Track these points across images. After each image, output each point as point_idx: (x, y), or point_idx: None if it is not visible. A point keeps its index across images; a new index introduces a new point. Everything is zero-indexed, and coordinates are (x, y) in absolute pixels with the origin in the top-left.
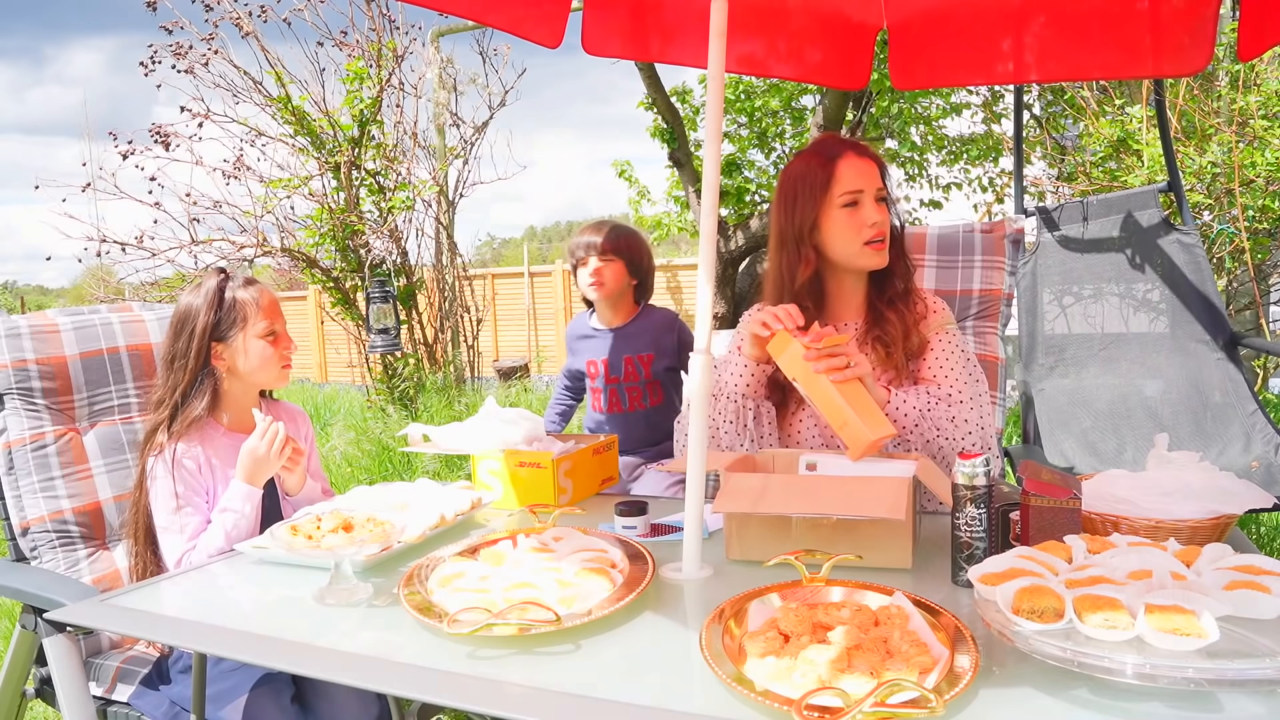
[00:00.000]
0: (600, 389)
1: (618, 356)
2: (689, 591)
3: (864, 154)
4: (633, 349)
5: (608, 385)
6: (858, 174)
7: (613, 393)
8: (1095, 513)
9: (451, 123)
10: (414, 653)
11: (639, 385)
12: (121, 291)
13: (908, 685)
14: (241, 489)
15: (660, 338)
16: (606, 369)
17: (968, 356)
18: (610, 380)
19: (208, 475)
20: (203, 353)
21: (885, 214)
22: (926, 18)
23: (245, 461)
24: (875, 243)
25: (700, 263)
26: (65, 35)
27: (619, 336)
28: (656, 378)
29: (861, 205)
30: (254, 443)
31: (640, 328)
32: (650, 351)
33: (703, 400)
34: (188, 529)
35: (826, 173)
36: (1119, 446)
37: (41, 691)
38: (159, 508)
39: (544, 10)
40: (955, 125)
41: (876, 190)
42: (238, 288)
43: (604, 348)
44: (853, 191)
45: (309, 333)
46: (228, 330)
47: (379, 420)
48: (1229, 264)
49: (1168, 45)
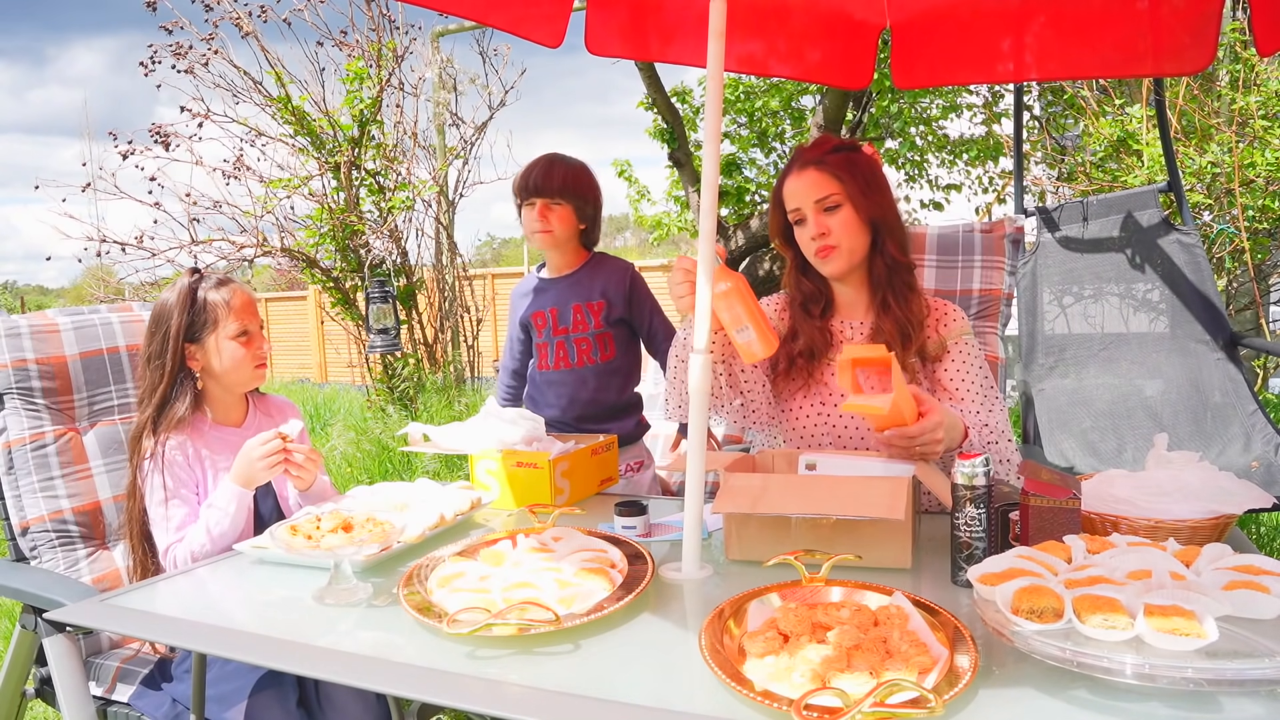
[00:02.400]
0: (546, 343)
1: (565, 305)
2: (689, 591)
3: (806, 166)
4: (581, 297)
5: (555, 338)
6: (795, 192)
7: (560, 345)
8: (1095, 513)
9: (451, 123)
10: (414, 653)
11: (588, 336)
12: (121, 291)
13: (907, 685)
14: (230, 489)
15: (610, 285)
16: (555, 319)
17: (984, 366)
18: (559, 331)
19: (196, 467)
20: (177, 354)
21: (835, 220)
22: (929, 16)
23: (239, 463)
24: (821, 253)
25: (700, 263)
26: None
27: (566, 284)
28: (608, 328)
29: (805, 221)
30: (252, 444)
31: (589, 274)
32: (600, 300)
33: (702, 400)
34: (173, 520)
35: (778, 196)
36: (1119, 446)
37: (41, 691)
38: (151, 501)
39: (545, 10)
40: (955, 126)
41: (817, 202)
42: (210, 288)
43: (552, 298)
44: (794, 210)
45: (309, 333)
46: (200, 331)
47: (379, 420)
48: (1229, 264)
49: (1168, 44)
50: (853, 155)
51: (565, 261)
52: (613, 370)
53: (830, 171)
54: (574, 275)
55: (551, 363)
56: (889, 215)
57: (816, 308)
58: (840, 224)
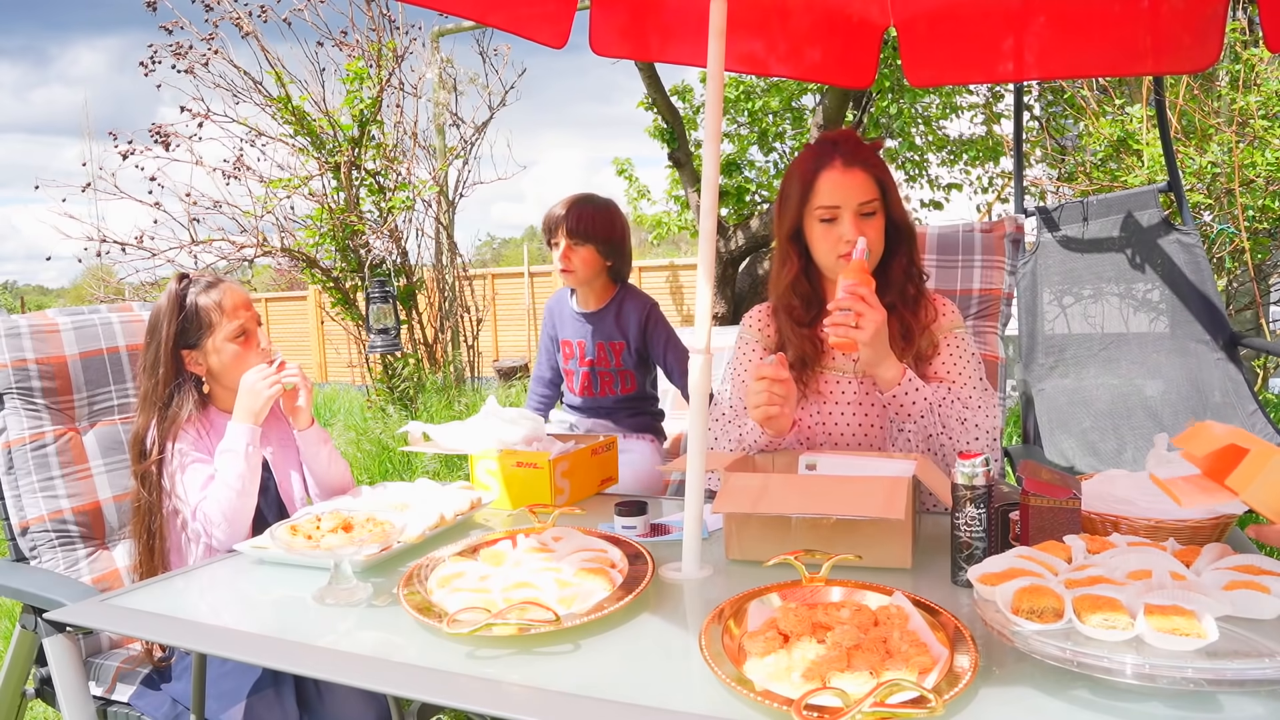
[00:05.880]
0: (574, 371)
1: (591, 341)
2: (689, 591)
3: (853, 164)
4: (604, 335)
5: (581, 368)
6: (836, 189)
7: (585, 375)
8: (1095, 513)
9: (451, 123)
10: (414, 653)
11: (610, 372)
12: (121, 291)
13: (907, 685)
14: (238, 428)
15: (629, 325)
16: (582, 351)
17: (977, 359)
18: (584, 363)
19: (209, 440)
20: (171, 361)
21: (870, 227)
22: (932, 15)
23: (241, 397)
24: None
25: (700, 263)
26: (69, 35)
27: (592, 320)
28: (628, 367)
29: (838, 221)
30: (250, 373)
31: (614, 313)
32: (621, 340)
33: (702, 400)
34: (198, 480)
35: (808, 184)
36: (1119, 446)
37: (41, 691)
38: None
39: (548, 10)
40: (955, 126)
41: (859, 205)
42: (200, 292)
43: (581, 331)
44: (829, 207)
45: (309, 333)
46: (195, 337)
47: (379, 420)
48: (1229, 264)
49: (1170, 42)
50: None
51: (594, 297)
52: (634, 398)
53: (874, 176)
54: (599, 313)
55: (578, 389)
56: (908, 221)
57: (808, 314)
58: (874, 231)
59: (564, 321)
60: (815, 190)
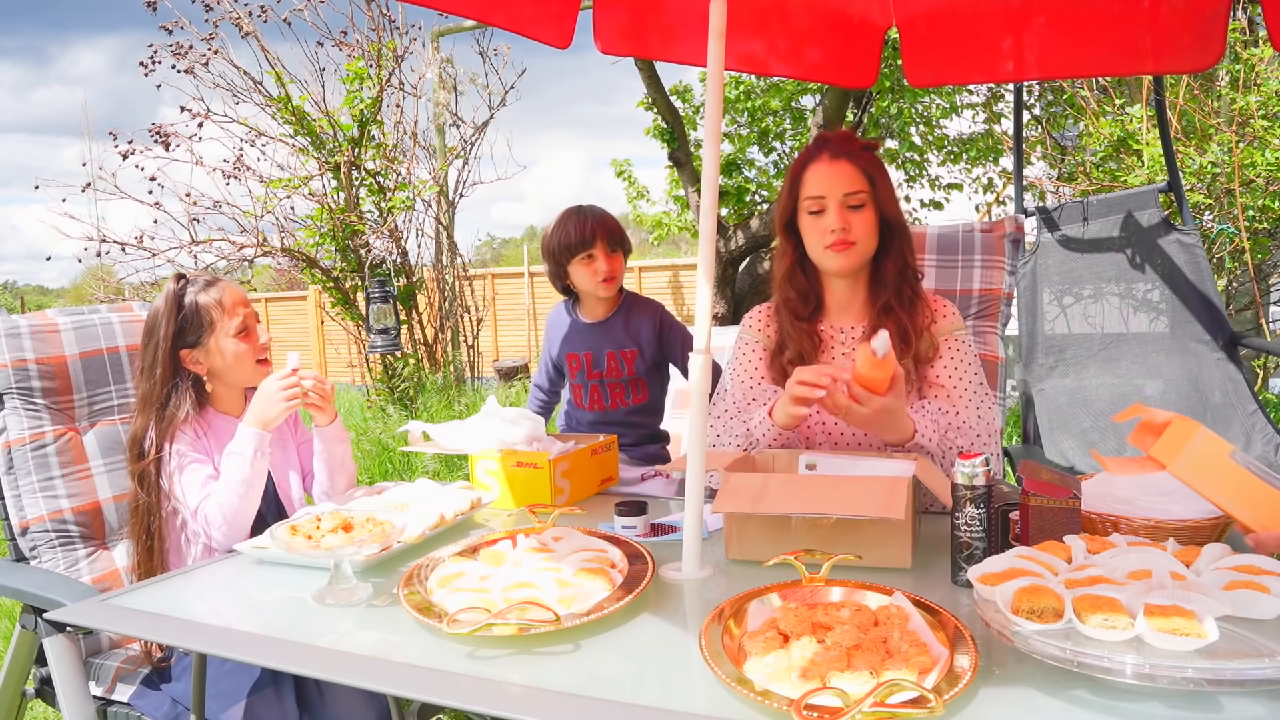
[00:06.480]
0: (581, 385)
1: (600, 351)
2: (689, 591)
3: (839, 156)
4: (615, 344)
5: (589, 381)
6: (822, 180)
7: (594, 388)
8: (1095, 513)
9: (451, 123)
10: (413, 653)
11: (621, 382)
12: (121, 291)
13: (907, 685)
14: (247, 432)
15: (642, 332)
16: (590, 364)
17: (977, 364)
18: (593, 375)
19: (207, 441)
20: (170, 361)
21: (857, 219)
22: (933, 15)
23: (256, 403)
24: (836, 246)
25: (700, 263)
26: (69, 35)
27: (601, 330)
28: (640, 375)
29: (825, 212)
30: (269, 382)
31: (623, 321)
32: (633, 348)
33: (702, 400)
34: (198, 480)
35: (797, 177)
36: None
37: (41, 691)
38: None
39: (552, 10)
40: (955, 125)
41: (845, 196)
42: (198, 292)
43: (588, 342)
44: (815, 198)
45: (309, 333)
46: (195, 336)
47: (379, 420)
48: (1229, 264)
49: (1171, 42)
50: (877, 156)
51: (604, 306)
52: (645, 410)
53: (862, 168)
54: (608, 322)
55: (586, 403)
56: (901, 219)
57: (805, 309)
58: (862, 224)
59: (569, 336)
60: (804, 182)
